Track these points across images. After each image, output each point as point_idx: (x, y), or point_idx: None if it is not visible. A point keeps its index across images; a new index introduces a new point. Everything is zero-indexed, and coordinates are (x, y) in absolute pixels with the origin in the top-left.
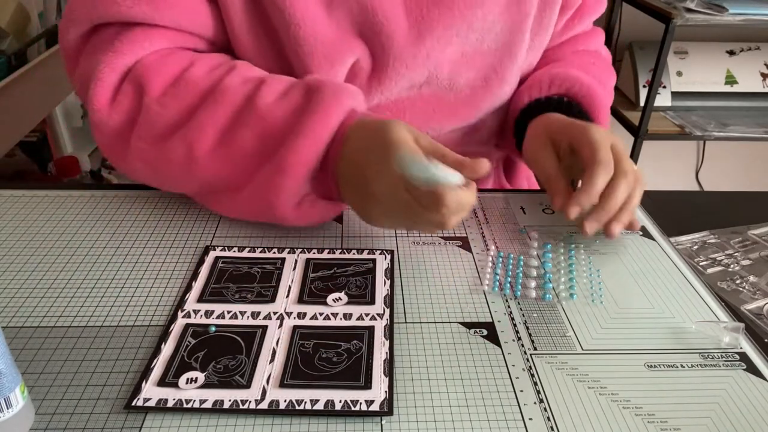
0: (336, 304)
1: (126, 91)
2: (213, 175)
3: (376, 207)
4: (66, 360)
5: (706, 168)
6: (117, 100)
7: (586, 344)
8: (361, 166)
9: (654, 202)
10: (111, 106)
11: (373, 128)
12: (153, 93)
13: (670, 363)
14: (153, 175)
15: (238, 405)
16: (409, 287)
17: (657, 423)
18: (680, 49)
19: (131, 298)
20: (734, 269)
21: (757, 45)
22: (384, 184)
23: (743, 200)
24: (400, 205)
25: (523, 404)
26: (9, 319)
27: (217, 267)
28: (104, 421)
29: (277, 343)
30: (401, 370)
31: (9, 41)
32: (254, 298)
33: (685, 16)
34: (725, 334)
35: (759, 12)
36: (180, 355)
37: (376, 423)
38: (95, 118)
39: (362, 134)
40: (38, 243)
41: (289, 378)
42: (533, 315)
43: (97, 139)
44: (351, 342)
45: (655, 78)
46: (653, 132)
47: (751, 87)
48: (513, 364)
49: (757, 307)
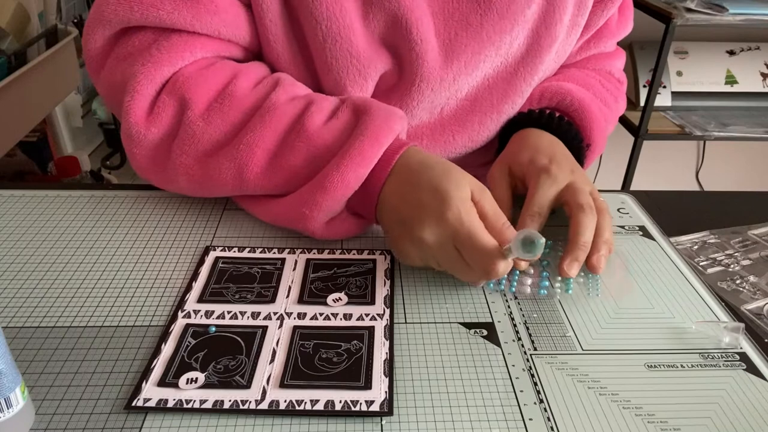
0: (336, 304)
1: (165, 103)
2: (261, 190)
3: (415, 249)
4: (66, 360)
5: (706, 168)
6: (155, 112)
7: (586, 344)
8: (410, 204)
9: (654, 202)
10: (149, 119)
11: (430, 168)
12: (197, 108)
13: (670, 363)
14: (198, 190)
15: (238, 405)
16: (409, 287)
17: (657, 423)
18: (680, 49)
19: (131, 299)
20: (734, 269)
21: (757, 45)
22: (434, 235)
23: (743, 200)
24: (443, 257)
25: (523, 404)
26: (9, 319)
27: (218, 267)
28: (104, 422)
29: (277, 343)
30: (401, 370)
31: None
32: (254, 298)
33: (685, 16)
34: (725, 334)
35: (759, 12)
36: (180, 355)
37: (376, 423)
38: (132, 132)
39: (417, 168)
40: (38, 243)
41: (290, 378)
42: (533, 315)
43: (134, 152)
44: (351, 342)
45: (655, 78)
46: (653, 132)
47: (751, 87)
48: (513, 364)
49: (757, 307)
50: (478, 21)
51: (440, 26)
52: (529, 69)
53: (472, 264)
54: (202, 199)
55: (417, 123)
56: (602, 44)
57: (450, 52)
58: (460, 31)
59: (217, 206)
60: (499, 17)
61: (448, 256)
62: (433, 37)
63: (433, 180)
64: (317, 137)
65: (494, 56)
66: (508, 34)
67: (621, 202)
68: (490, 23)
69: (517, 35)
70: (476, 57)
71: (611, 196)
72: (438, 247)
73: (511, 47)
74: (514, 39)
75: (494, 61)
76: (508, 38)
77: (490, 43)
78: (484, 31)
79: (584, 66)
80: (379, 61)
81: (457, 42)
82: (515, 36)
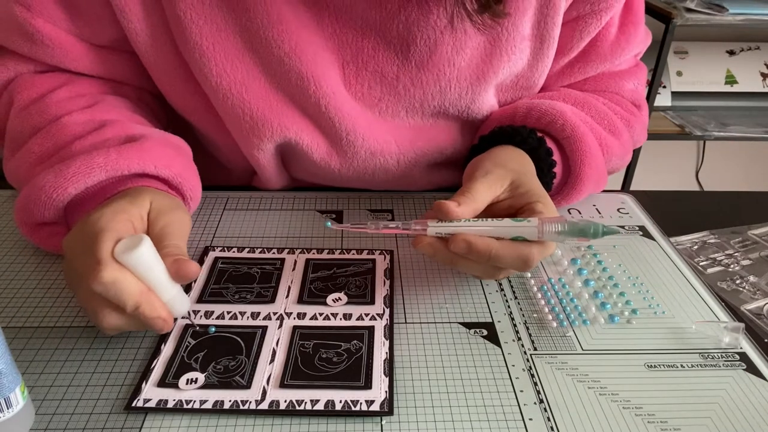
0: (336, 304)
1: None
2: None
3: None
4: (66, 360)
5: (706, 168)
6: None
7: (586, 344)
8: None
9: (654, 202)
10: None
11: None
12: (17, 104)
13: (670, 363)
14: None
15: (238, 405)
16: (409, 287)
17: (657, 423)
18: (680, 49)
19: None
20: (734, 269)
21: (757, 45)
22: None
23: (743, 200)
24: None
25: (523, 404)
26: (9, 319)
27: (217, 267)
28: (104, 422)
29: (277, 343)
30: (401, 370)
31: None
32: (254, 298)
33: (685, 16)
34: (725, 334)
35: (759, 12)
36: (180, 355)
37: (376, 423)
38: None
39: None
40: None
41: (290, 378)
42: (533, 315)
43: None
44: (351, 342)
45: (655, 78)
46: (653, 132)
47: (751, 87)
48: (513, 364)
49: (757, 307)
50: (393, 73)
51: (351, 77)
52: (477, 102)
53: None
54: (201, 199)
55: (376, 176)
56: (590, 68)
57: (363, 103)
58: (374, 83)
59: (216, 206)
60: (417, 69)
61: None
62: (342, 88)
63: (87, 224)
64: (68, 132)
65: (421, 108)
66: (432, 86)
67: (621, 202)
68: (407, 76)
69: (450, 87)
70: (393, 108)
71: (611, 196)
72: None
73: (445, 99)
74: (445, 91)
75: (426, 110)
76: (435, 91)
77: (409, 96)
78: (401, 84)
79: (582, 88)
80: (284, 120)
81: (370, 95)
82: (445, 88)
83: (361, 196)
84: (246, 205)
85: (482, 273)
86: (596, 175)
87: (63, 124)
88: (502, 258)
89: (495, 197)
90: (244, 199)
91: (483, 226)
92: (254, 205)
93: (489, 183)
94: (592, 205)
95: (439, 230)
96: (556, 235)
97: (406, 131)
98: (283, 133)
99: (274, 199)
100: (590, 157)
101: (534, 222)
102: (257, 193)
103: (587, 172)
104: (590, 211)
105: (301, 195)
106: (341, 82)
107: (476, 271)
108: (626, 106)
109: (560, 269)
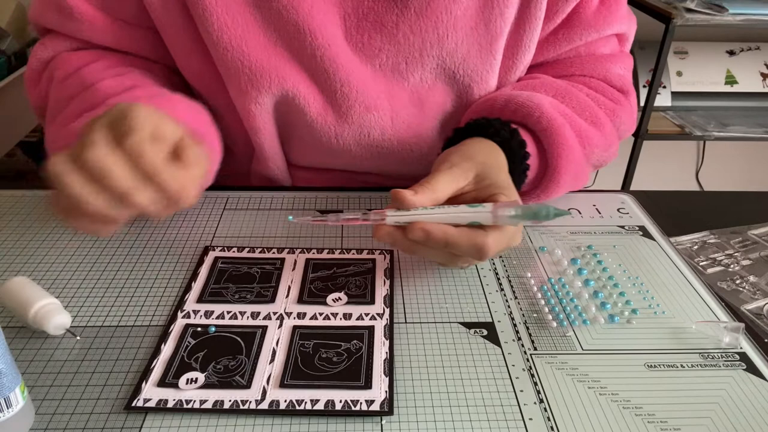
0: (336, 304)
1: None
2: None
3: None
4: (66, 360)
5: (706, 168)
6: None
7: (586, 344)
8: None
9: (654, 202)
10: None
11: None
12: (58, 76)
13: (670, 363)
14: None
15: (238, 405)
16: (409, 287)
17: (657, 423)
18: (680, 49)
19: (131, 299)
20: (734, 269)
21: (757, 45)
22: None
23: (743, 200)
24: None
25: (523, 404)
26: (9, 319)
27: (217, 267)
28: (104, 422)
29: (277, 343)
30: (401, 370)
31: (9, 41)
32: (254, 298)
33: (685, 16)
34: (725, 334)
35: (759, 12)
36: (180, 355)
37: (376, 423)
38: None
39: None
40: (38, 243)
41: (290, 378)
42: (533, 315)
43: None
44: (351, 342)
45: (655, 78)
46: (653, 132)
47: (751, 87)
48: (513, 364)
49: (757, 307)
50: (393, 21)
51: (352, 28)
52: (480, 71)
53: None
54: (201, 199)
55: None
56: (576, 36)
57: (363, 54)
58: (374, 33)
59: (216, 206)
60: (417, 16)
61: None
62: (342, 40)
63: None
64: (98, 90)
65: (421, 58)
66: (431, 34)
67: (621, 202)
68: (406, 23)
69: (447, 35)
70: (396, 60)
71: (611, 196)
72: None
73: (442, 50)
74: (443, 40)
75: (426, 65)
76: (434, 39)
77: (408, 44)
78: (401, 32)
79: (564, 70)
80: (282, 72)
81: (370, 45)
82: (442, 36)
83: (361, 196)
84: (246, 205)
85: (443, 260)
86: (575, 168)
87: (96, 89)
88: (457, 245)
89: (459, 189)
90: (244, 198)
91: (440, 213)
92: (254, 205)
93: (453, 175)
94: (592, 205)
95: (398, 219)
96: (510, 219)
97: (402, 91)
98: (281, 84)
99: (274, 199)
100: (567, 149)
101: (488, 207)
102: (257, 193)
103: (564, 164)
104: (590, 210)
105: (301, 195)
106: (342, 34)
107: (436, 257)
108: (611, 95)
109: (560, 269)
